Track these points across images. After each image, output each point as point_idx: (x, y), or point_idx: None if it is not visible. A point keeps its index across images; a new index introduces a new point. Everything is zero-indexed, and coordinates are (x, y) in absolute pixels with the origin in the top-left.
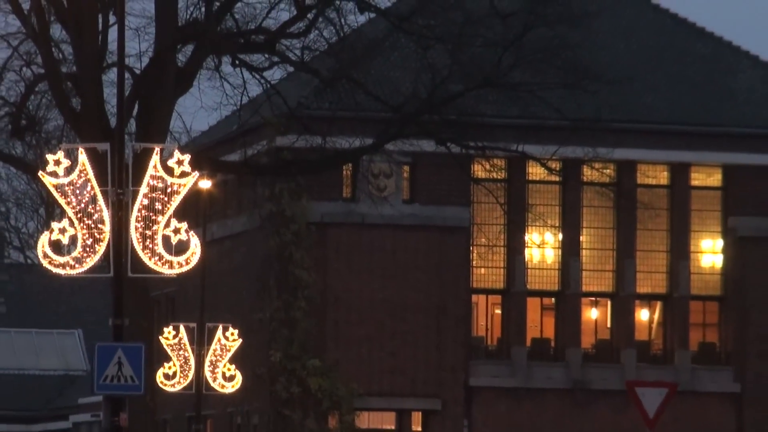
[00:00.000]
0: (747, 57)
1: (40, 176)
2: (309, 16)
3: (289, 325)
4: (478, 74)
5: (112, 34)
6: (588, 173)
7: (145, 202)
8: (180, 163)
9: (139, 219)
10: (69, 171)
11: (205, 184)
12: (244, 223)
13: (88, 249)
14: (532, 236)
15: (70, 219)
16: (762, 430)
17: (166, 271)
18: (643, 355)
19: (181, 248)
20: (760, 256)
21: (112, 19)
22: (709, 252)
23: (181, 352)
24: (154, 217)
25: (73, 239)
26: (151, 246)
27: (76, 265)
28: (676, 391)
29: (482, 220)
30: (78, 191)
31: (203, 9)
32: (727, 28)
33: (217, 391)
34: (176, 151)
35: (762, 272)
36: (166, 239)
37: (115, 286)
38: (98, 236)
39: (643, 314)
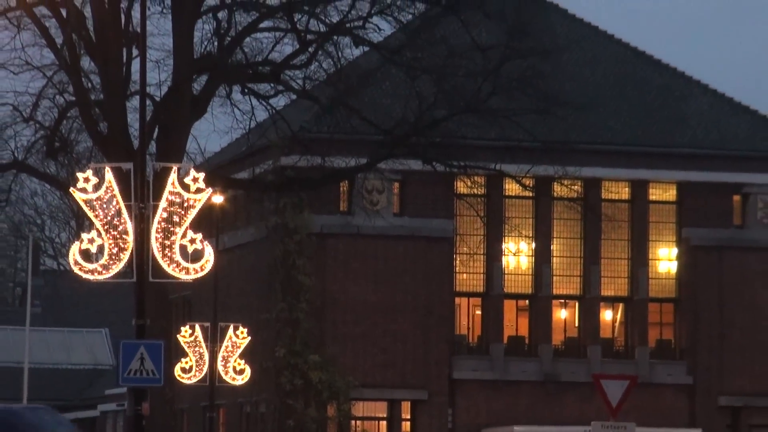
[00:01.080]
0: (698, 85)
1: (72, 192)
2: (310, 49)
3: (293, 325)
4: (460, 101)
5: (135, 65)
6: (558, 189)
7: (164, 215)
8: (195, 180)
9: (159, 230)
10: (97, 187)
11: (218, 199)
12: (252, 234)
13: (113, 257)
14: (508, 245)
15: (97, 230)
16: (711, 417)
17: (183, 276)
18: (607, 351)
19: (196, 256)
20: (710, 263)
21: (135, 52)
22: (665, 259)
23: (196, 349)
24: (172, 229)
25: (101, 248)
26: (169, 254)
27: (103, 272)
28: (636, 383)
29: (464, 231)
30: (105, 205)
31: (216, 44)
32: (681, 60)
33: (228, 383)
34: (192, 169)
35: (711, 277)
36: (183, 248)
37: (137, 290)
38: (123, 245)
39: (606, 315)
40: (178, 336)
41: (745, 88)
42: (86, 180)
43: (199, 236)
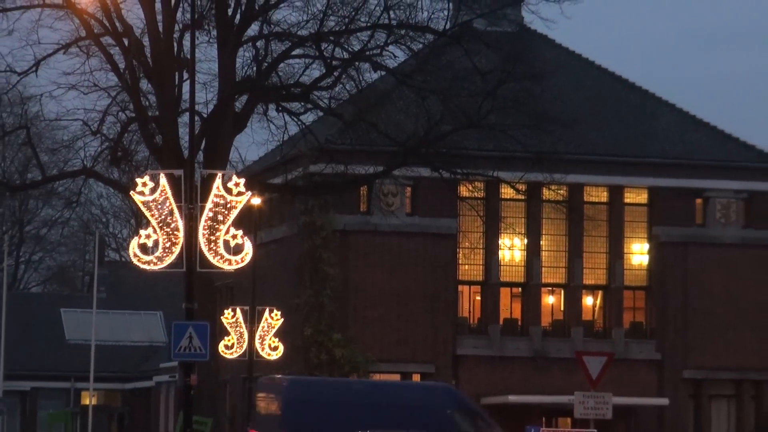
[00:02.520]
0: (666, 105)
1: (132, 195)
2: (335, 73)
3: (319, 308)
4: (463, 118)
5: (186, 87)
6: (546, 193)
7: (210, 214)
8: (236, 185)
9: (206, 227)
10: (153, 191)
11: (256, 201)
12: (285, 231)
13: (166, 250)
14: (504, 241)
15: (153, 227)
16: (676, 388)
17: (225, 267)
18: (588, 331)
19: (237, 250)
20: (676, 256)
21: (185, 75)
22: (638, 253)
23: (237, 329)
24: (216, 226)
25: (156, 243)
26: (214, 248)
27: (158, 263)
28: (613, 359)
29: (466, 229)
30: (159, 206)
31: (254, 68)
32: (651, 82)
33: (264, 358)
34: (234, 176)
35: (677, 269)
36: (226, 243)
37: (187, 278)
38: (174, 240)
39: (588, 300)
40: (221, 318)
41: (706, 107)
42: (144, 185)
43: (239, 232)
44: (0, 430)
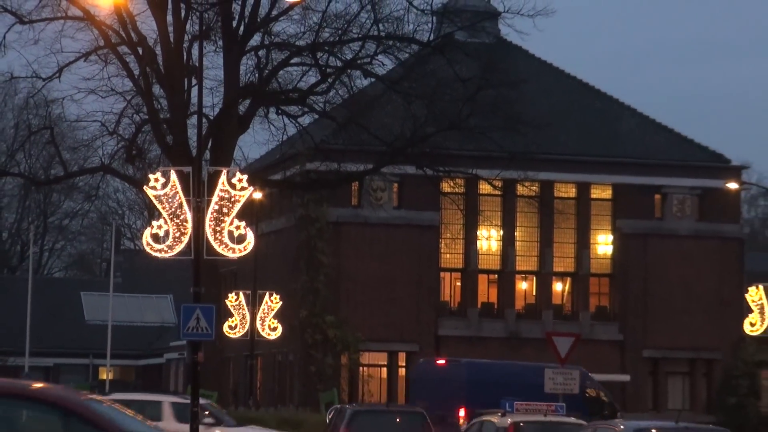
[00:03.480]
0: (628, 109)
1: (145, 189)
2: (329, 80)
3: (314, 293)
4: (446, 121)
5: (194, 91)
6: (520, 189)
7: (216, 207)
8: (240, 181)
9: (212, 219)
10: (164, 186)
11: (257, 195)
12: (283, 222)
13: (176, 239)
14: (481, 232)
15: (164, 219)
16: (636, 366)
17: (230, 255)
18: (557, 314)
19: (240, 239)
20: (637, 247)
21: (194, 81)
22: (603, 244)
23: (240, 311)
24: (222, 218)
25: (167, 233)
26: (220, 237)
27: (168, 251)
28: (580, 339)
29: (447, 221)
30: (170, 200)
31: (257, 75)
32: (615, 89)
33: (264, 337)
34: (237, 172)
35: (638, 258)
36: (230, 233)
37: (194, 265)
38: (183, 231)
39: (557, 286)
40: (226, 301)
41: (664, 112)
42: (156, 180)
43: (242, 224)
44: None
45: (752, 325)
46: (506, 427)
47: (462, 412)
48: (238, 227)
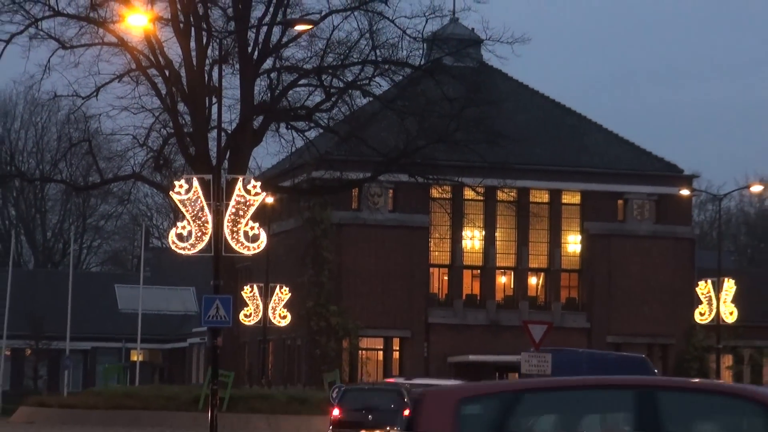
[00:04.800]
0: (595, 125)
1: (171, 194)
2: (332, 99)
3: (319, 286)
4: (434, 135)
5: (214, 109)
6: (500, 195)
7: (233, 210)
8: (254, 187)
9: (229, 220)
10: (187, 191)
11: (269, 200)
12: (292, 224)
13: (198, 238)
14: (466, 232)
15: (188, 220)
16: (601, 345)
17: (245, 252)
18: (532, 304)
19: (254, 238)
20: (602, 246)
21: (214, 100)
22: (572, 243)
23: (254, 301)
24: (238, 220)
25: (190, 233)
26: (236, 237)
27: (191, 248)
28: (552, 327)
29: (436, 223)
30: (193, 203)
31: (269, 95)
32: (583, 107)
33: (276, 325)
34: (252, 180)
35: (603, 256)
36: (245, 233)
37: (214, 261)
38: (204, 231)
39: (532, 280)
40: (241, 292)
41: (626, 127)
42: (180, 186)
43: (256, 225)
44: (68, 380)
45: (701, 314)
46: None
47: None
48: (252, 228)
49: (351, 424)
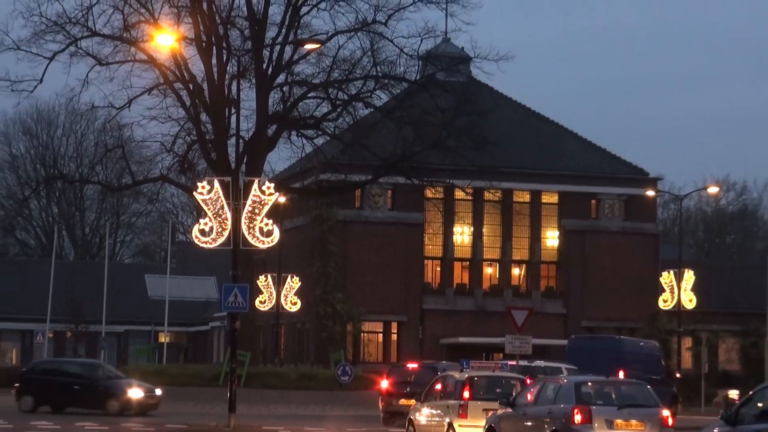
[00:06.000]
0: (570, 133)
1: (194, 194)
2: (338, 110)
3: (325, 276)
4: (428, 141)
5: (233, 119)
6: (487, 195)
7: (249, 208)
8: (268, 188)
9: (246, 218)
10: (209, 192)
11: (281, 199)
12: (302, 221)
13: (218, 233)
14: (456, 228)
15: (209, 217)
16: (576, 333)
17: (260, 245)
18: (515, 292)
19: (268, 233)
20: (577, 240)
21: (233, 110)
22: (551, 238)
23: (268, 289)
24: (254, 217)
25: (211, 228)
26: (252, 232)
27: (212, 242)
28: (533, 312)
29: (430, 220)
30: (214, 203)
31: (282, 106)
32: (560, 117)
33: (287, 310)
34: (266, 181)
35: (578, 249)
36: (260, 228)
37: (233, 253)
38: (224, 227)
39: (515, 271)
40: (257, 281)
41: (599, 135)
42: (203, 187)
43: (270, 221)
44: (104, 359)
45: (665, 301)
46: (464, 380)
47: (621, 374)
48: (266, 224)
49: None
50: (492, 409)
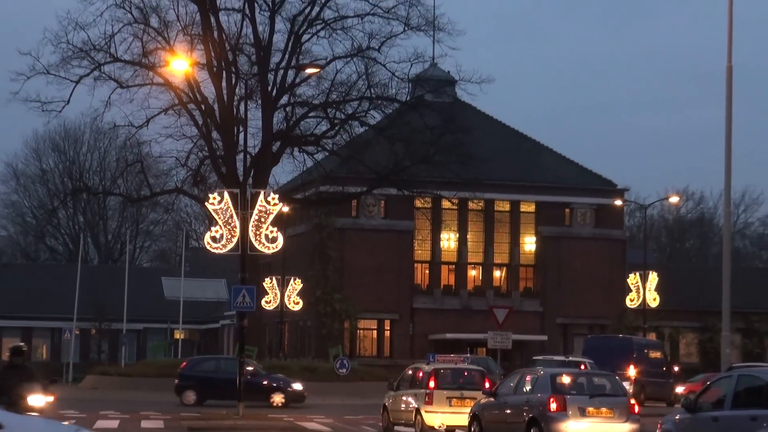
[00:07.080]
0: (547, 149)
1: (206, 205)
2: (336, 128)
3: (325, 278)
4: (418, 156)
5: (241, 136)
6: (471, 205)
7: (256, 217)
8: (273, 199)
9: (253, 226)
10: (220, 202)
11: (285, 209)
12: (303, 228)
13: (228, 240)
14: (443, 235)
15: (220, 225)
16: (552, 330)
17: (266, 251)
18: (497, 293)
19: (273, 240)
20: (553, 246)
21: (241, 129)
22: (529, 243)
23: (273, 290)
24: (260, 225)
25: (221, 235)
26: (259, 238)
27: (223, 248)
28: (513, 311)
29: (419, 227)
30: (224, 212)
31: (285, 125)
32: (537, 134)
33: (291, 309)
34: (271, 193)
35: (553, 254)
36: (266, 235)
37: (241, 258)
38: (233, 234)
39: (497, 273)
40: (263, 283)
41: (572, 150)
42: (214, 199)
43: (274, 229)
44: (124, 354)
45: (631, 300)
46: (430, 372)
47: (632, 369)
48: (271, 231)
49: None
50: (454, 398)
